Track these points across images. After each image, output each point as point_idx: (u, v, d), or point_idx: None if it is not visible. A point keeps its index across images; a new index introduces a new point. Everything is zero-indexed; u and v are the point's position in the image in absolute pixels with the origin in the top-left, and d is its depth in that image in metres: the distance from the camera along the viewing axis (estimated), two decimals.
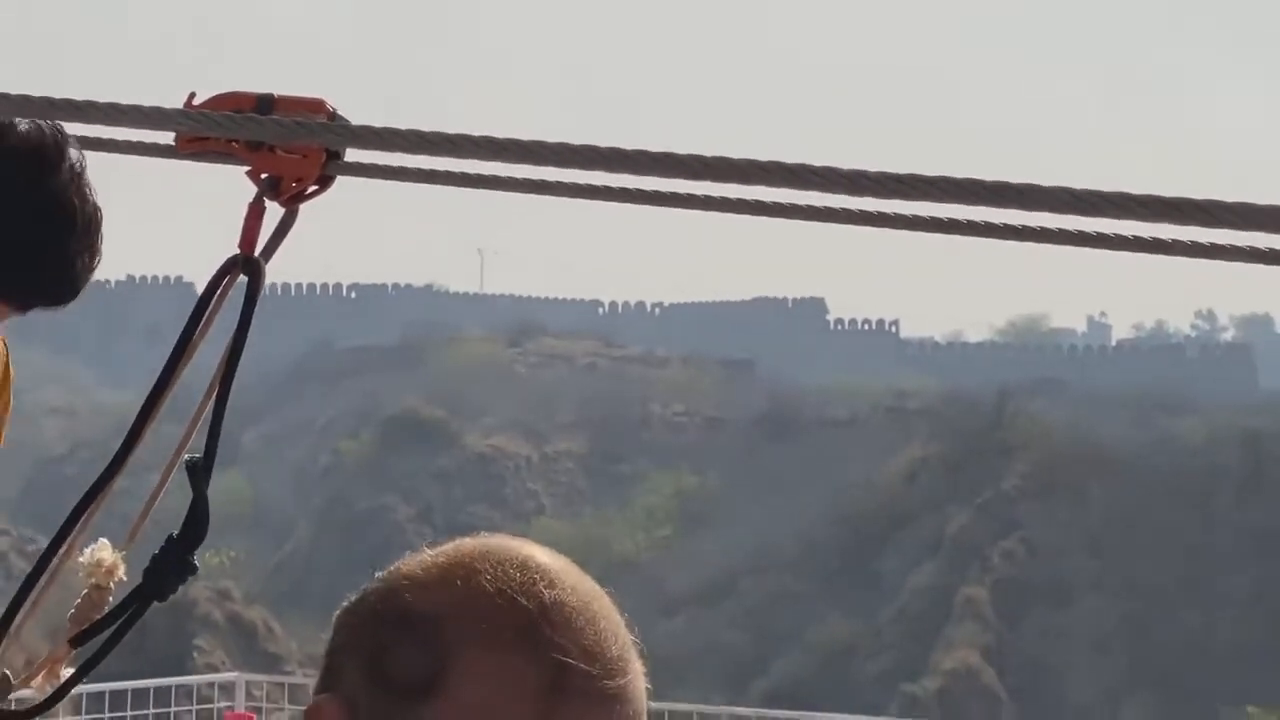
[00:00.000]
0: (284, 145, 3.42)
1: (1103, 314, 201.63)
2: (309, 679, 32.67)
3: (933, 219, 3.03)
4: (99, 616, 3.73)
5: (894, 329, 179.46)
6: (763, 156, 2.37)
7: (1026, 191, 2.18)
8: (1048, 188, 2.14)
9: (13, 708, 3.89)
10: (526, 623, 1.95)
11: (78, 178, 3.39)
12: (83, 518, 3.75)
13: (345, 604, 2.07)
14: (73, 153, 3.38)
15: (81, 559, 3.76)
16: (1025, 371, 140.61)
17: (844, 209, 2.95)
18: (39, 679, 3.90)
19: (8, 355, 3.91)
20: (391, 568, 2.08)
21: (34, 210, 3.32)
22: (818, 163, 2.39)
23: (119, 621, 3.70)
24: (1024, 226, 2.93)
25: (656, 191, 2.98)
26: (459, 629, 1.94)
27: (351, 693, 1.98)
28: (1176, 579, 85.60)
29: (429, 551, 2.09)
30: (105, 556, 3.76)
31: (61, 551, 3.75)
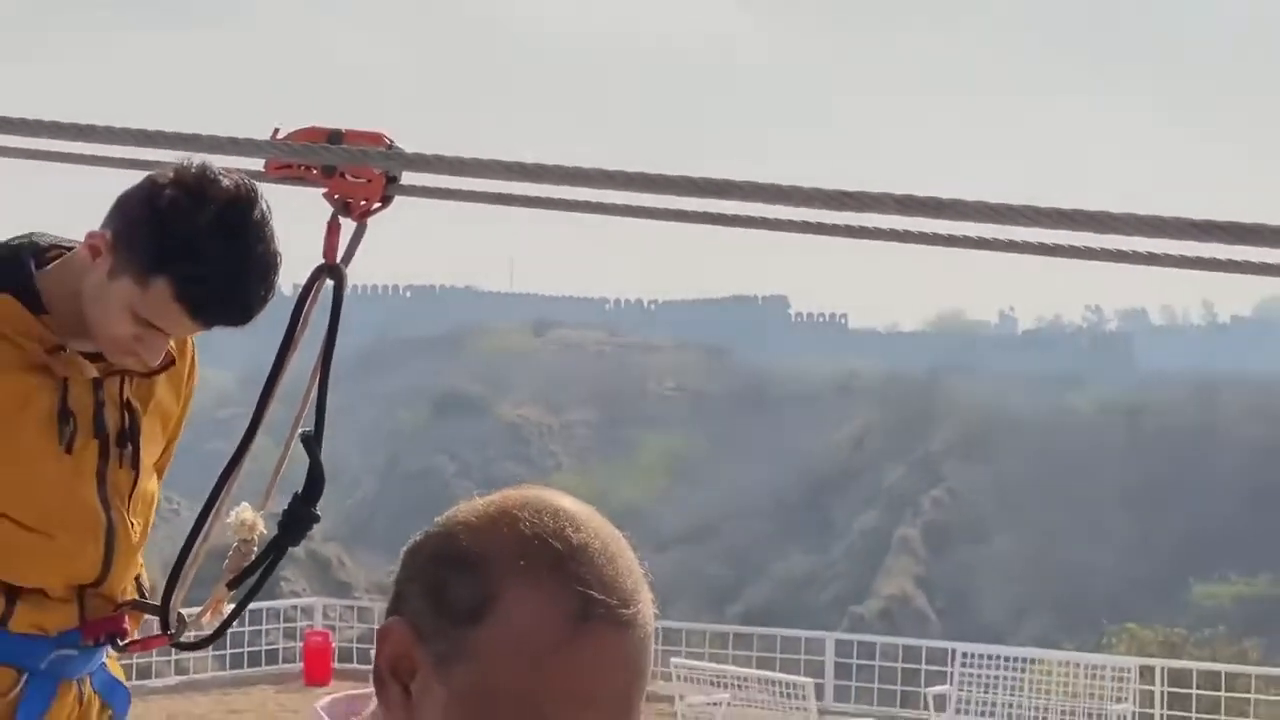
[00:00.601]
0: (352, 170, 3.43)
1: (1011, 309, 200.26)
2: (374, 603, 32.36)
3: (875, 229, 3.04)
4: (247, 564, 3.73)
5: (844, 321, 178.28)
6: (699, 172, 2.39)
7: (949, 204, 2.19)
8: (970, 201, 2.14)
9: (190, 639, 3.92)
10: (557, 561, 1.95)
11: (264, 226, 3.35)
12: (226, 487, 3.76)
13: (411, 542, 2.06)
14: (262, 204, 3.36)
15: (229, 520, 3.74)
16: (948, 356, 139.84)
17: (803, 221, 2.97)
18: (207, 616, 3.91)
19: (194, 350, 3.91)
20: (448, 513, 2.08)
21: (229, 255, 3.29)
22: (776, 182, 2.40)
23: (263, 567, 3.71)
24: (949, 235, 2.95)
25: (652, 208, 2.97)
26: (503, 566, 1.94)
27: (415, 617, 1.96)
28: (1069, 522, 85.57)
29: (479, 500, 2.08)
30: (248, 517, 3.74)
31: (212, 516, 3.75)
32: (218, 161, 3.35)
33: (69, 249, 3.58)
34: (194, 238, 3.31)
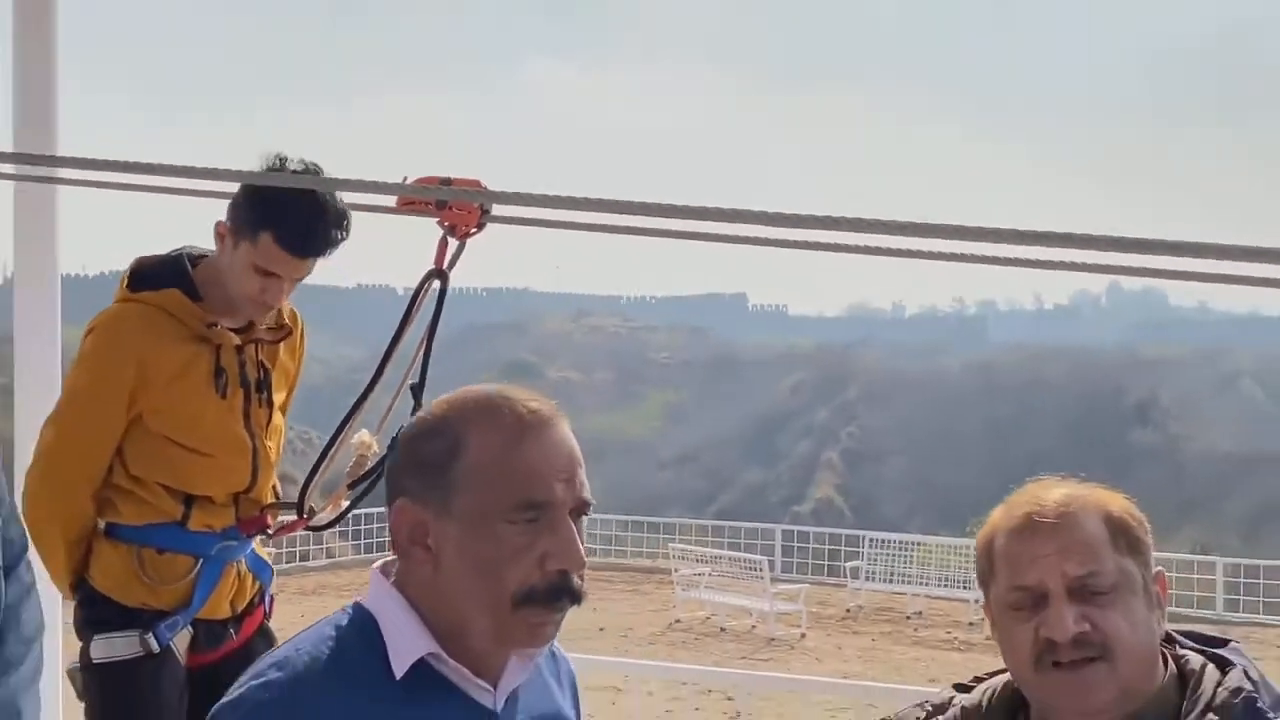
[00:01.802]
0: (457, 204, 3.42)
1: (900, 300, 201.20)
2: None
3: (806, 242, 3.02)
4: (364, 472, 3.72)
5: (785, 309, 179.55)
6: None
7: (856, 221, 2.16)
8: (869, 219, 2.13)
9: (319, 523, 3.88)
10: (493, 402, 1.91)
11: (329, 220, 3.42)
12: (351, 419, 3.74)
13: (390, 444, 2.02)
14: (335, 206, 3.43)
15: (353, 441, 3.74)
16: (858, 333, 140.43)
17: (760, 237, 2.97)
18: (329, 508, 3.88)
19: (303, 325, 3.88)
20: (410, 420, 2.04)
21: (309, 206, 3.37)
22: (740, 208, 2.40)
23: (375, 475, 3.70)
24: (858, 245, 2.93)
25: (653, 228, 2.97)
26: (459, 420, 1.89)
27: (411, 491, 1.88)
28: (942, 449, 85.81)
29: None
30: (366, 438, 3.72)
31: (340, 438, 3.75)
32: (371, 198, 3.39)
33: (211, 255, 3.61)
34: (281, 197, 3.37)
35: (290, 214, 3.35)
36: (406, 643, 1.86)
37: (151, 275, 3.54)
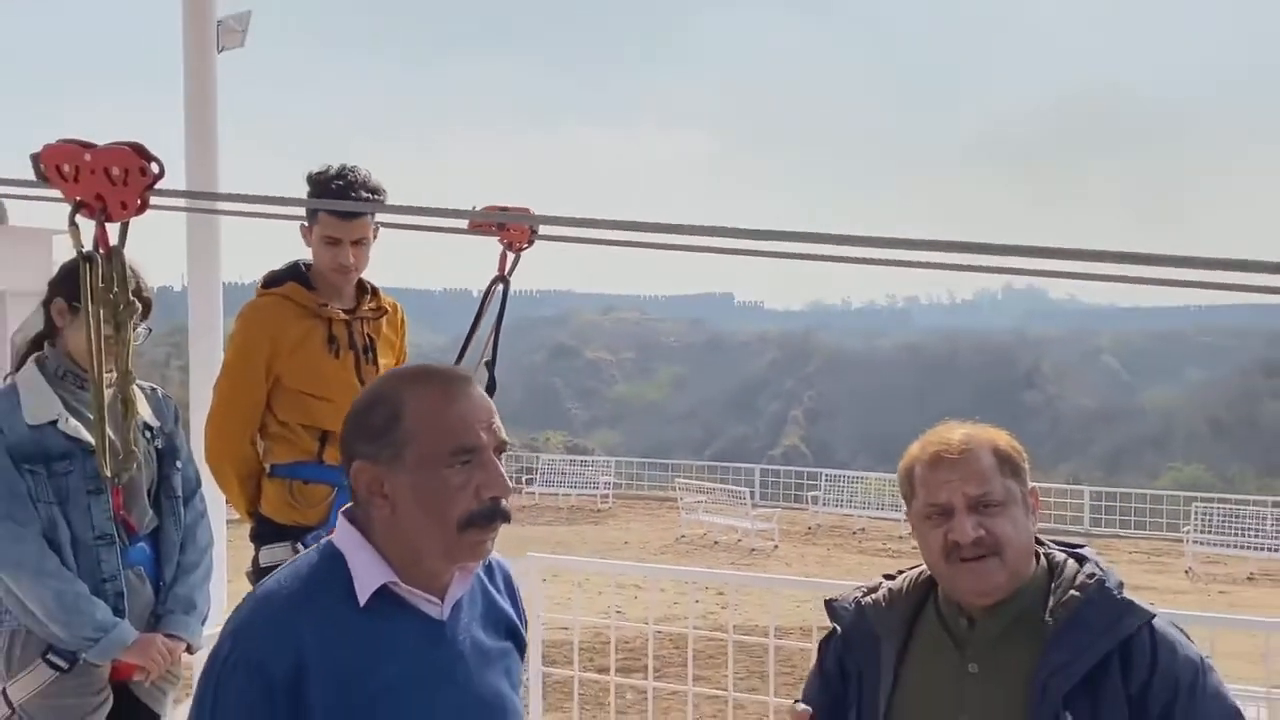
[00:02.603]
0: (513, 226, 3.41)
1: (847, 297, 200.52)
2: (519, 454, 31.37)
3: (780, 252, 3.00)
4: None
5: (761, 304, 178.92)
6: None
7: (816, 235, 2.15)
8: (821, 233, 2.12)
9: None
10: (423, 373, 1.88)
11: (365, 176, 3.46)
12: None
13: (344, 421, 1.89)
14: (363, 172, 3.48)
15: None
16: (816, 321, 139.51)
17: (749, 249, 2.96)
18: None
19: (402, 312, 3.85)
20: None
21: (346, 182, 3.41)
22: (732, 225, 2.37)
23: None
24: (812, 254, 2.91)
25: (662, 243, 2.95)
26: (398, 389, 1.83)
27: (364, 454, 1.80)
28: (879, 407, 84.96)
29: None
30: None
31: None
32: (449, 222, 3.39)
33: None
34: (328, 182, 3.41)
35: (332, 194, 3.38)
36: (369, 575, 1.80)
37: (276, 278, 3.55)
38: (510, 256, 3.42)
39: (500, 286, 3.46)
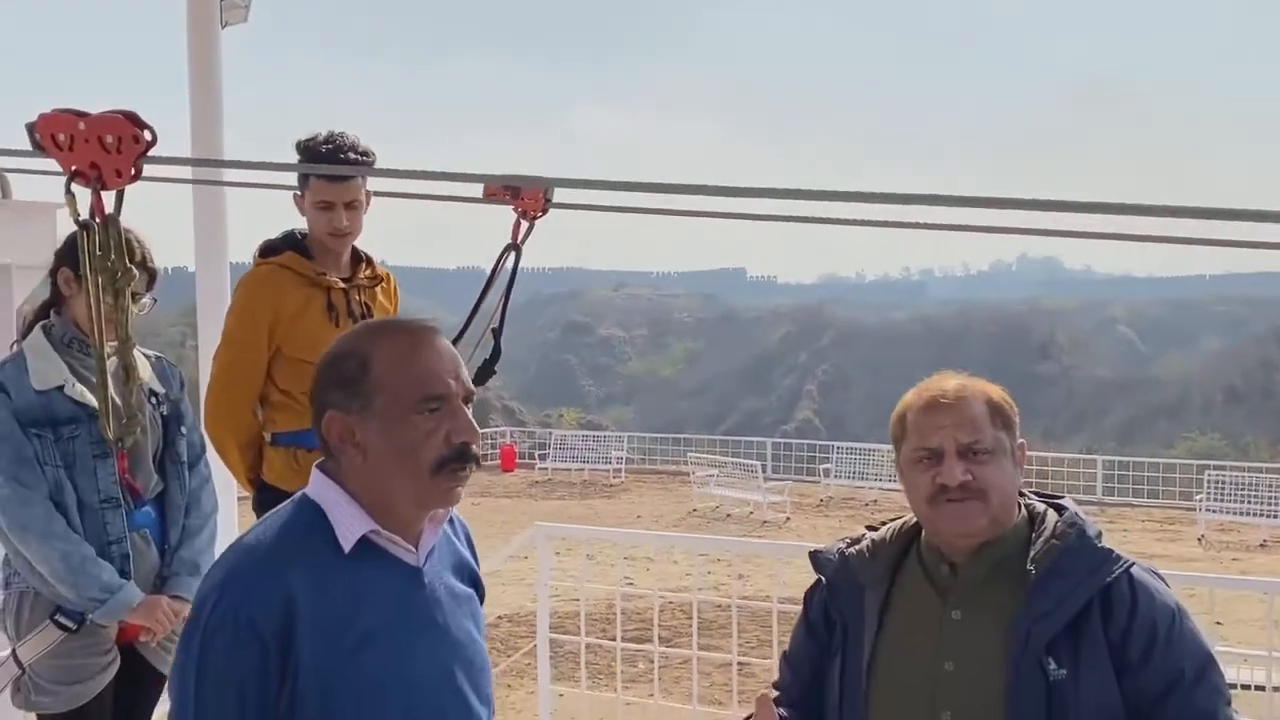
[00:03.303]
0: (527, 193, 3.41)
1: (861, 270, 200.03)
2: (536, 429, 31.42)
3: (792, 216, 2.97)
4: None
5: (774, 279, 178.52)
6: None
7: (827, 193, 2.13)
8: (833, 191, 2.11)
9: None
10: (391, 326, 1.98)
11: (353, 141, 3.44)
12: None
13: (313, 375, 1.92)
14: (350, 137, 3.45)
15: None
16: (829, 294, 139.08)
17: (764, 213, 2.94)
18: None
19: (395, 281, 3.82)
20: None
21: (333, 146, 3.39)
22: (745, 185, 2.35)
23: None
24: (827, 216, 2.89)
25: (671, 208, 2.93)
26: (365, 341, 1.87)
27: (335, 404, 1.82)
28: (893, 380, 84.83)
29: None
30: None
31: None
32: (468, 189, 3.37)
33: None
34: (317, 147, 3.40)
35: (322, 158, 3.38)
36: (351, 524, 1.81)
37: (273, 247, 3.54)
38: (524, 225, 3.42)
39: (512, 255, 3.46)
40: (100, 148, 2.47)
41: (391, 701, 1.79)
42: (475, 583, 2.03)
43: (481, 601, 2.04)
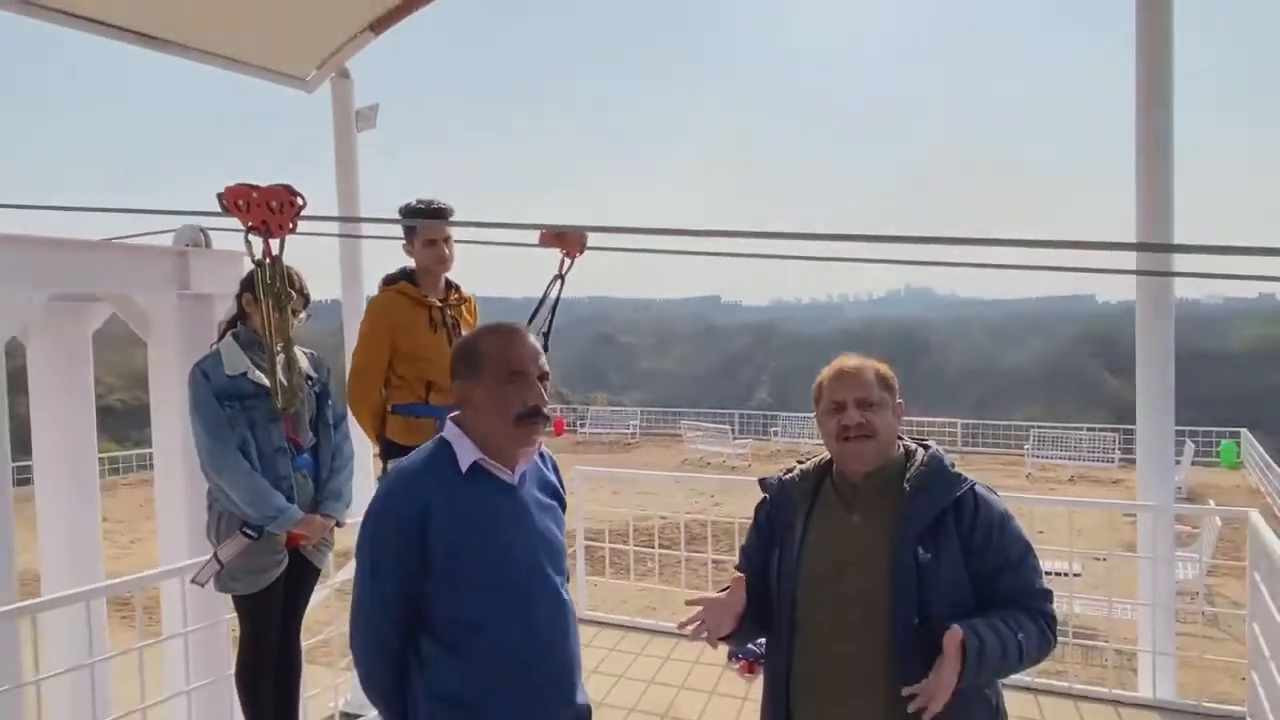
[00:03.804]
0: (570, 237, 3.37)
1: (799, 296, 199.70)
2: (574, 407, 31.18)
3: (759, 255, 2.93)
4: None
5: (740, 302, 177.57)
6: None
7: (781, 234, 2.11)
8: (788, 232, 2.10)
9: None
10: (493, 326, 1.98)
11: (442, 204, 3.37)
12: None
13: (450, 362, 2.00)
14: (441, 203, 3.38)
15: None
16: (779, 314, 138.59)
17: (747, 252, 2.90)
18: None
19: (475, 303, 3.71)
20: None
21: (430, 205, 3.35)
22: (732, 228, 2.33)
23: None
24: (774, 254, 2.85)
25: (671, 249, 2.89)
26: (478, 336, 1.97)
27: (460, 373, 1.93)
28: (816, 373, 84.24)
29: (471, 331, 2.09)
30: None
31: None
32: (526, 236, 3.35)
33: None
34: (416, 206, 3.35)
35: (426, 213, 3.35)
36: (467, 454, 1.89)
37: (392, 278, 3.51)
38: (567, 262, 3.40)
39: (558, 283, 3.43)
40: (268, 209, 2.46)
41: (491, 566, 1.84)
42: (558, 497, 2.05)
43: (563, 510, 2.06)
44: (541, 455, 2.05)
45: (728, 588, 2.02)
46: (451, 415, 1.95)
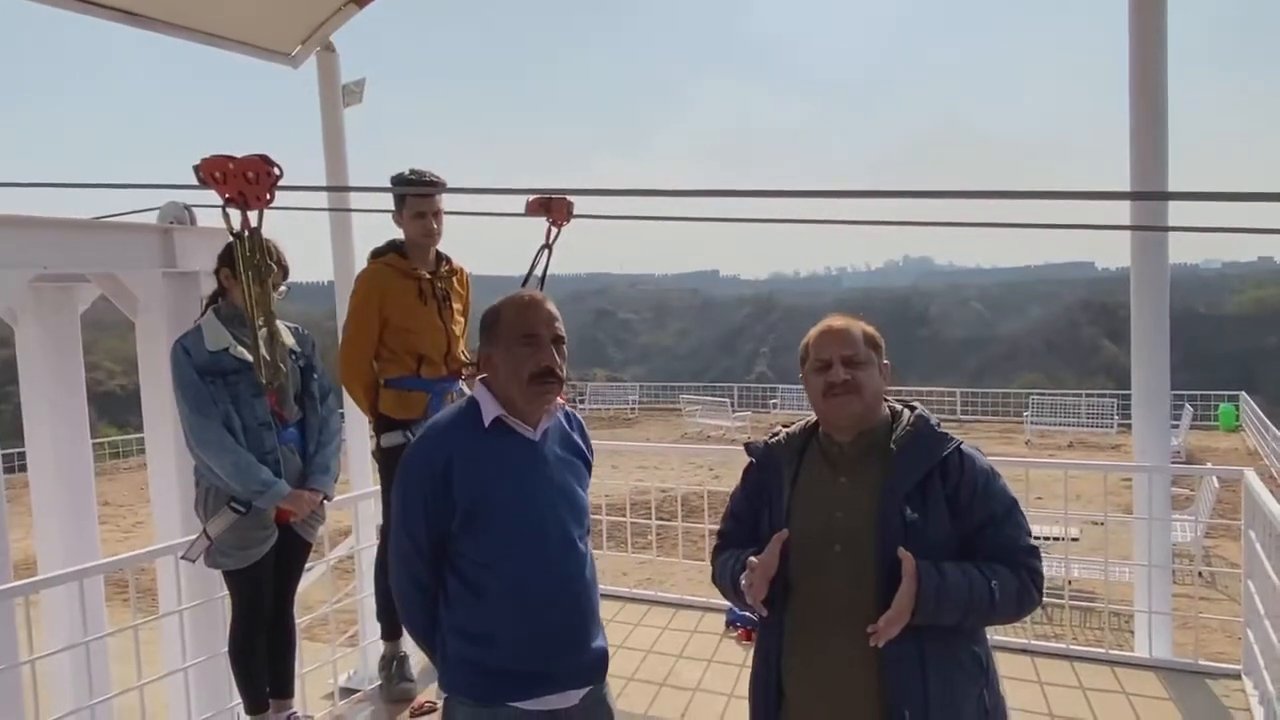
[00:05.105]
0: (556, 204, 3.34)
1: (797, 269, 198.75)
2: (578, 381, 31.11)
3: (757, 219, 2.88)
4: None
5: (738, 276, 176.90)
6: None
7: (784, 192, 2.05)
8: (789, 190, 2.06)
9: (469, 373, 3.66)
10: (513, 294, 2.08)
11: (430, 174, 3.31)
12: None
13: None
14: (432, 175, 3.33)
15: None
16: (777, 286, 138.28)
17: (729, 216, 2.85)
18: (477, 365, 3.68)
19: (467, 274, 3.68)
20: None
21: (419, 174, 3.30)
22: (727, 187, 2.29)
23: None
24: (773, 218, 2.80)
25: (660, 215, 2.82)
26: (499, 305, 2.06)
27: (483, 339, 2.05)
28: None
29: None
30: None
31: None
32: (513, 203, 3.30)
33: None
34: (407, 176, 3.31)
35: (410, 184, 3.32)
36: (490, 411, 2.01)
37: (381, 250, 3.48)
38: (554, 231, 3.37)
39: (546, 253, 3.40)
40: (245, 180, 2.41)
41: (508, 511, 1.96)
42: (581, 456, 2.15)
43: (588, 470, 2.17)
44: (568, 416, 2.16)
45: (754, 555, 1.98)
46: (480, 377, 2.06)
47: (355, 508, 4.35)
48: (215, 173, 2.41)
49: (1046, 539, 8.24)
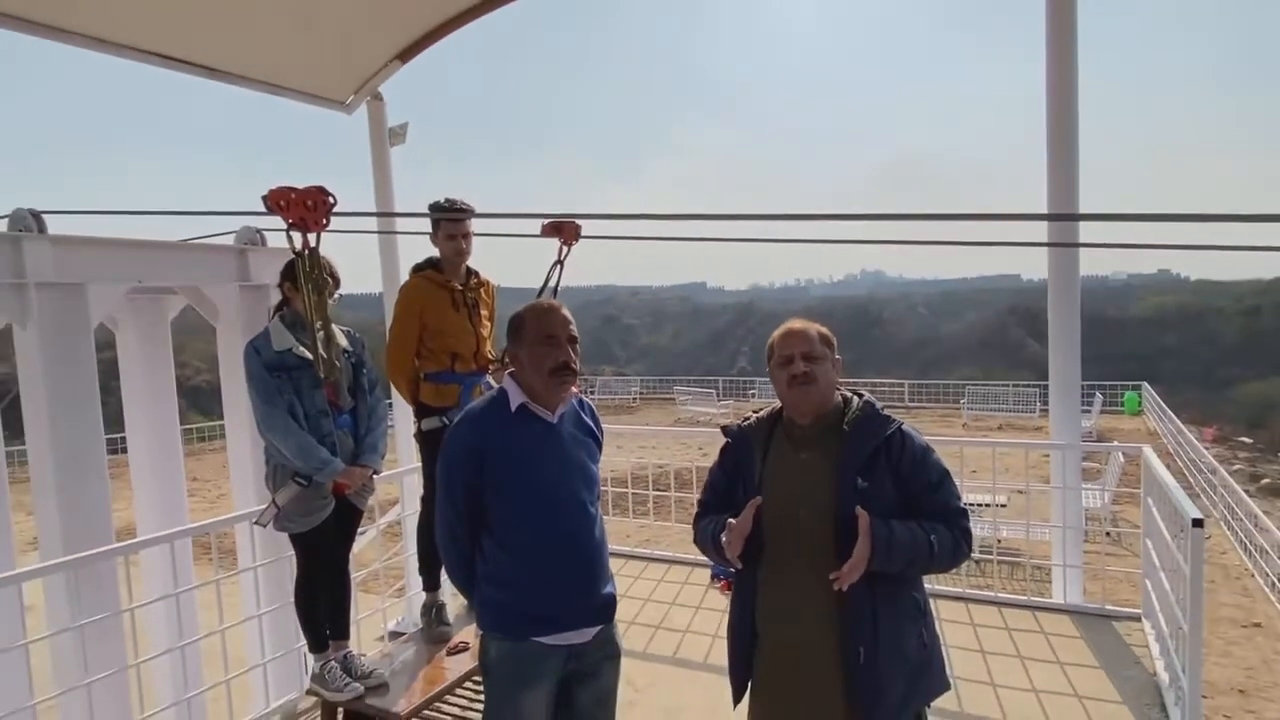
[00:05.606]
0: (567, 226, 3.31)
1: (773, 280, 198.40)
2: (589, 376, 31.09)
3: (737, 239, 2.88)
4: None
5: (723, 288, 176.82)
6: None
7: (760, 215, 2.05)
8: (766, 214, 2.06)
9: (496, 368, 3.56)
10: (534, 303, 2.07)
11: (464, 204, 3.27)
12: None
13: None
14: (464, 204, 3.27)
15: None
16: (755, 296, 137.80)
17: (716, 235, 2.84)
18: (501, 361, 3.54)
19: (494, 287, 3.62)
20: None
21: (451, 202, 3.26)
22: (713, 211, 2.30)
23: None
24: (751, 238, 2.80)
25: (653, 235, 2.82)
26: (523, 311, 2.04)
27: (510, 340, 2.04)
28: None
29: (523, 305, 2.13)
30: None
31: None
32: (530, 225, 3.23)
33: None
34: (441, 203, 3.27)
35: (444, 211, 3.26)
36: (515, 398, 2.04)
37: (421, 266, 3.44)
38: (564, 249, 3.35)
39: (558, 268, 3.38)
40: (305, 208, 2.42)
41: (531, 480, 1.98)
42: (593, 436, 2.15)
43: (599, 448, 2.17)
44: (581, 403, 2.17)
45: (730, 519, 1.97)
46: (510, 372, 2.07)
47: (401, 481, 4.37)
48: (280, 201, 2.42)
49: (979, 505, 8.24)
